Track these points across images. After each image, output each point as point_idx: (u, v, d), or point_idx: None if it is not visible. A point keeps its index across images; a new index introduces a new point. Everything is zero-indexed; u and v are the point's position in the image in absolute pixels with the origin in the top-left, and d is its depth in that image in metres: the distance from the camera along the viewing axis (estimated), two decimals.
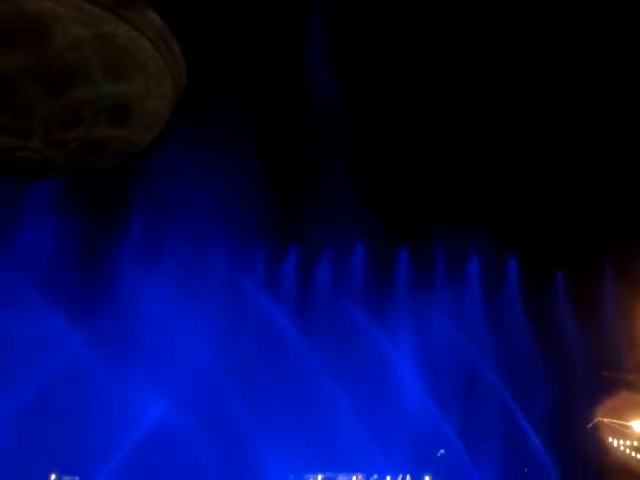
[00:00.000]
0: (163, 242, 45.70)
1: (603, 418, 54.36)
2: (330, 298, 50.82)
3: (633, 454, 53.90)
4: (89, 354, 43.14)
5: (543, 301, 53.59)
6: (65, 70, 9.03)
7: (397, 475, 53.51)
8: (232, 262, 47.34)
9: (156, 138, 11.62)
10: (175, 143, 36.39)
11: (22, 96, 9.21)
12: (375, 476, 53.41)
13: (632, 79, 47.34)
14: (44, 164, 10.99)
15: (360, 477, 53.56)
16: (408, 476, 53.94)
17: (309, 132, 48.26)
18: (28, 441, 40.30)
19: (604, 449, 53.10)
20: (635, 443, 54.36)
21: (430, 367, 50.19)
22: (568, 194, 51.66)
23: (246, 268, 49.08)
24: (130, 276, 44.74)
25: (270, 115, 45.88)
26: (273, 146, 46.85)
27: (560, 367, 50.97)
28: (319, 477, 53.57)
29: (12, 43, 8.26)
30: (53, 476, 47.86)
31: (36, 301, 41.65)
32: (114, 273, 44.80)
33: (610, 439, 54.54)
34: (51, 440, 40.38)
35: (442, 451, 54.88)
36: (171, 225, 44.89)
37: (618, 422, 54.87)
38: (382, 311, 50.21)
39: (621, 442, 54.70)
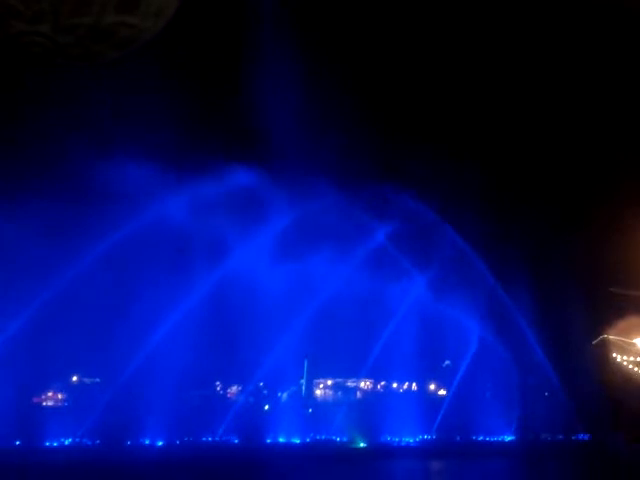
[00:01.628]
0: None
1: (609, 335, 55.43)
2: None
3: (636, 369, 55.28)
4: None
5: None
6: None
7: (404, 382, 55.31)
8: None
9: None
10: None
11: None
12: (383, 382, 55.28)
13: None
14: (55, 50, 11.01)
15: (368, 383, 55.48)
16: (414, 383, 55.75)
17: None
18: (49, 344, 41.77)
19: (608, 364, 54.43)
20: (638, 359, 55.61)
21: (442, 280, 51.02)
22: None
23: None
24: None
25: None
26: None
27: (567, 284, 51.49)
28: (328, 382, 55.57)
29: None
30: (75, 377, 49.80)
31: None
32: None
33: (614, 355, 55.83)
34: (73, 343, 41.94)
35: (447, 362, 56.30)
36: None
37: (622, 339, 55.95)
38: None
39: (625, 358, 56.03)
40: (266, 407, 52.01)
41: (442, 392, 56.04)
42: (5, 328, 41.46)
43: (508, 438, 52.98)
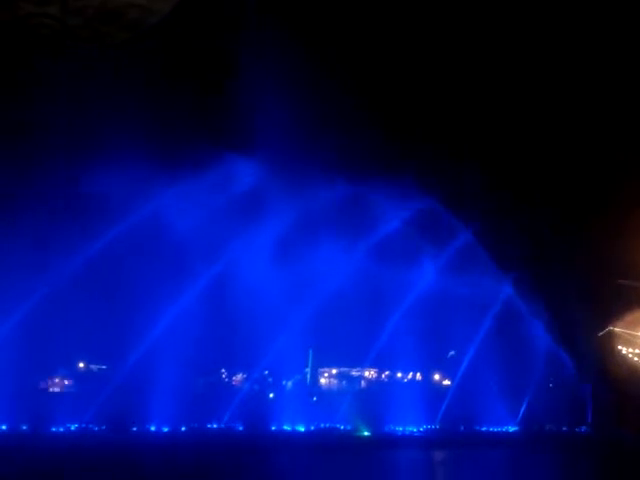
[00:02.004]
0: None
1: (615, 327, 55.42)
2: None
3: None
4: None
5: None
6: None
7: (408, 372, 55.44)
8: None
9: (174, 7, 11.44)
10: None
11: None
12: (387, 372, 55.43)
13: None
14: (63, 32, 11.00)
15: (373, 372, 55.65)
16: (419, 373, 55.87)
17: None
18: (56, 330, 42.05)
19: (614, 356, 54.43)
20: None
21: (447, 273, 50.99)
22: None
23: None
24: None
25: None
26: None
27: (573, 276, 51.44)
28: (333, 371, 55.78)
29: None
30: (81, 364, 50.16)
31: None
32: None
33: (620, 347, 55.84)
34: (80, 329, 42.27)
35: (452, 352, 56.39)
36: None
37: (629, 332, 55.92)
38: None
39: (630, 350, 56.03)
40: (271, 395, 52.29)
41: (446, 382, 56.18)
42: (12, 313, 41.73)
43: (512, 429, 53.07)
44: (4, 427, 41.71)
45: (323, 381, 55.75)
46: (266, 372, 52.45)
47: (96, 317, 41.81)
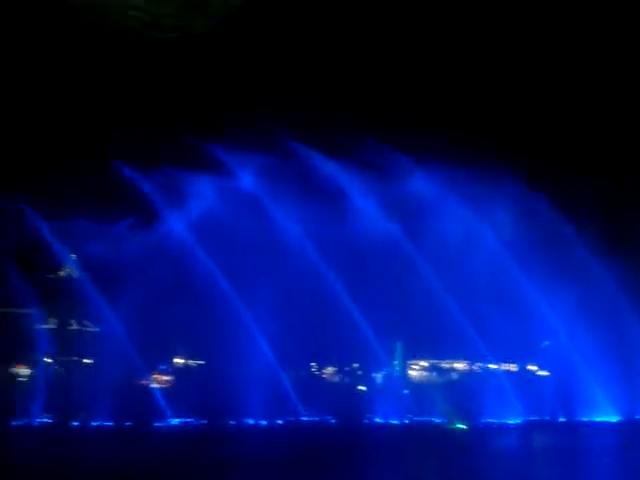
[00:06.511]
0: None
1: None
2: None
3: None
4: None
5: None
6: None
7: (501, 363, 54.18)
8: None
9: None
10: None
11: None
12: (479, 363, 54.37)
13: None
14: (152, 23, 11.57)
15: (465, 364, 54.76)
16: (513, 365, 54.51)
17: None
18: (155, 327, 43.86)
19: None
20: None
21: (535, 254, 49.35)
22: None
23: None
24: None
25: None
26: None
27: None
28: (423, 363, 55.32)
29: None
30: (179, 359, 51.97)
31: None
32: None
33: None
34: (177, 326, 43.92)
35: (547, 342, 54.77)
36: None
37: None
38: None
39: None
40: (361, 388, 52.45)
41: (542, 372, 54.61)
42: (114, 313, 43.90)
43: (614, 419, 50.98)
44: (109, 424, 43.64)
45: (413, 373, 55.44)
46: (355, 365, 52.70)
47: (192, 314, 43.33)
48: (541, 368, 55.61)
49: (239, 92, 46.27)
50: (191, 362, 51.59)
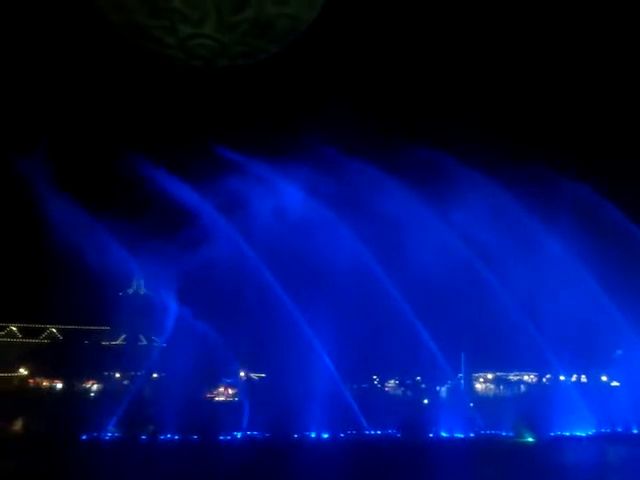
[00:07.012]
0: None
1: None
2: None
3: None
4: None
5: None
6: None
7: (572, 374, 52.55)
8: None
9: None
10: None
11: None
12: (548, 375, 52.88)
13: None
14: (220, 50, 11.62)
15: (532, 376, 53.35)
16: (583, 376, 52.81)
17: None
18: (220, 339, 44.61)
19: None
20: None
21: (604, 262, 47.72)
22: None
23: None
24: None
25: None
26: None
27: None
28: (489, 375, 54.17)
29: None
30: (242, 373, 52.59)
31: None
32: None
33: None
34: (240, 340, 44.38)
35: (619, 351, 52.98)
36: None
37: None
38: None
39: None
40: (425, 401, 51.63)
41: (614, 383, 52.73)
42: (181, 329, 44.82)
43: None
44: (177, 437, 44.27)
45: (479, 386, 54.27)
46: (418, 378, 51.89)
47: (254, 327, 43.77)
48: (613, 378, 53.79)
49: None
50: (253, 375, 52.02)
